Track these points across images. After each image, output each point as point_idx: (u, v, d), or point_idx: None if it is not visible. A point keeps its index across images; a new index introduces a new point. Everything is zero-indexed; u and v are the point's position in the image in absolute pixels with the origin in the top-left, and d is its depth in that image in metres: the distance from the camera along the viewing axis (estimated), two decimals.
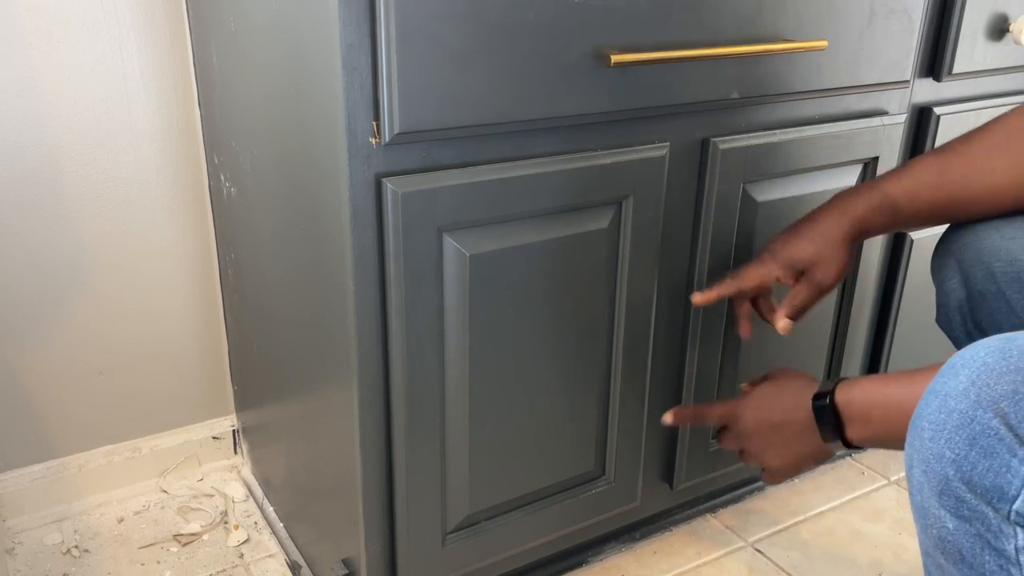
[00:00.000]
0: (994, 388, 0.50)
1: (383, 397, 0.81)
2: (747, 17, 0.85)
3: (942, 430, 0.52)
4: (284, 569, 1.08)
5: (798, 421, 0.80)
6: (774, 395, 0.85)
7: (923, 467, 0.53)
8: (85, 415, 1.18)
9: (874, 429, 0.73)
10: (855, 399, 0.74)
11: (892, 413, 0.71)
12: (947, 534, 0.53)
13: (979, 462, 0.50)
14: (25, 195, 1.06)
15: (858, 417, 0.74)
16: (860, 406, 0.74)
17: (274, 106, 0.84)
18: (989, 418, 0.50)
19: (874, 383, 0.74)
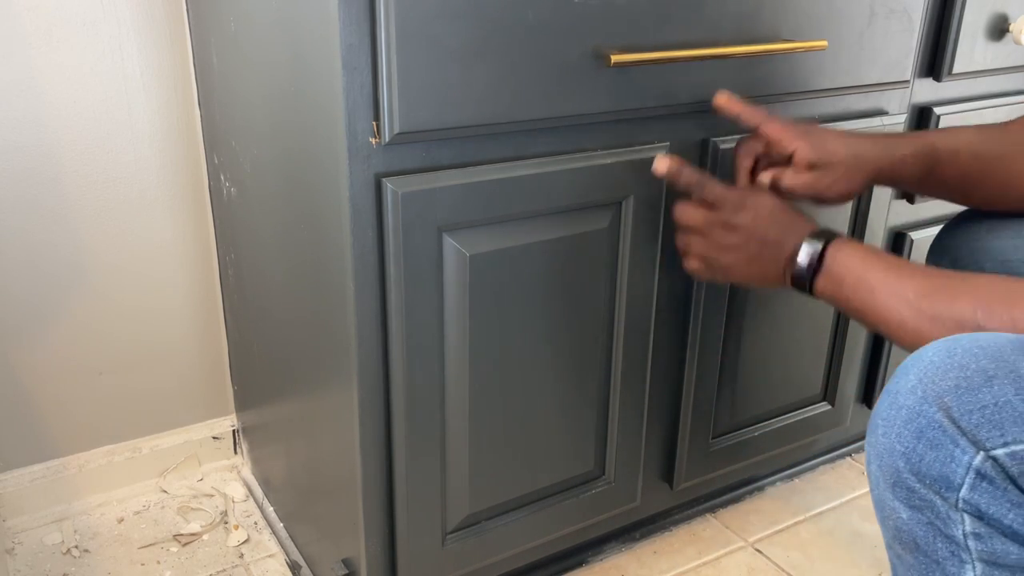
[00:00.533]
0: (938, 384, 0.53)
1: (383, 397, 0.81)
2: (747, 17, 0.85)
3: (892, 425, 0.55)
4: (284, 569, 1.08)
5: (784, 244, 0.78)
6: (779, 210, 0.80)
7: (878, 461, 0.56)
8: (85, 415, 1.18)
9: (842, 292, 0.74)
10: (840, 259, 0.74)
11: (862, 290, 0.71)
12: (902, 524, 0.56)
13: (926, 454, 0.53)
14: (25, 195, 1.06)
15: (834, 275, 0.74)
16: (842, 267, 0.74)
17: (274, 106, 0.84)
18: (934, 412, 0.52)
19: (865, 257, 0.73)
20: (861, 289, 0.72)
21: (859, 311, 0.72)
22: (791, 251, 0.78)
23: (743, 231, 0.80)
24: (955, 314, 0.64)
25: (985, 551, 0.53)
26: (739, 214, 0.80)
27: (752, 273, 0.81)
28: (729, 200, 0.80)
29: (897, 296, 0.68)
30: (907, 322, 0.67)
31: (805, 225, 0.79)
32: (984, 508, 0.52)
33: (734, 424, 1.08)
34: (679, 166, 0.82)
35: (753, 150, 0.85)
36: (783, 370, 1.09)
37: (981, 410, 0.51)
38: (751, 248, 0.80)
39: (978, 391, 0.51)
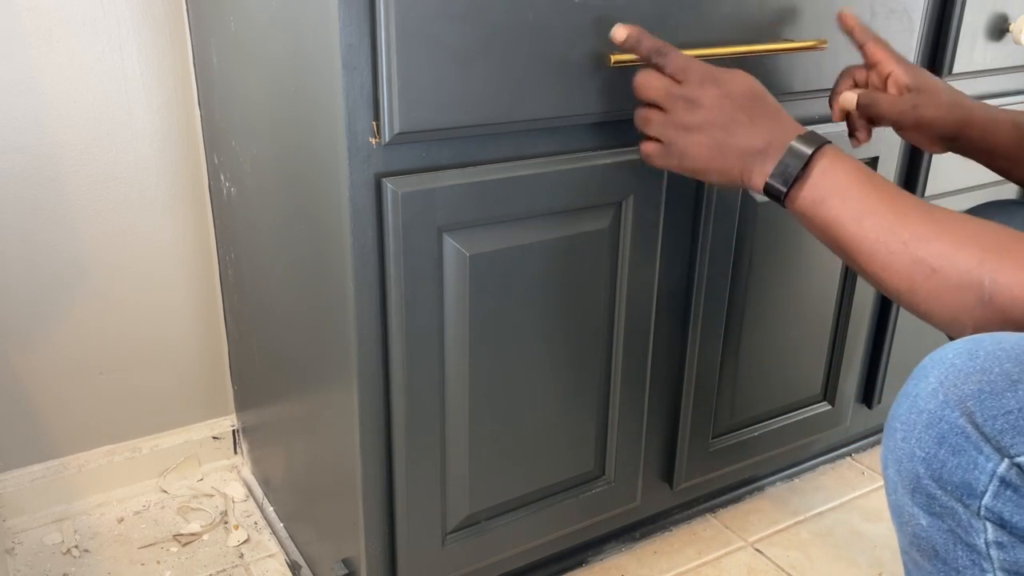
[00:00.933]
0: (961, 388, 0.51)
1: (383, 397, 0.81)
2: (747, 17, 0.85)
3: (912, 430, 0.53)
4: (284, 569, 1.08)
5: (755, 136, 0.69)
6: (757, 95, 0.71)
7: (896, 466, 0.55)
8: (85, 415, 1.18)
9: (822, 212, 0.66)
10: (831, 173, 0.66)
11: (848, 216, 0.65)
12: (921, 531, 0.55)
13: (948, 460, 0.51)
14: (25, 195, 1.06)
15: (820, 190, 0.66)
16: (831, 183, 0.66)
17: (274, 106, 0.84)
18: (956, 417, 0.51)
19: (859, 177, 0.66)
20: (847, 214, 0.65)
21: (837, 239, 0.66)
22: (762, 144, 0.69)
23: (708, 110, 0.70)
24: (957, 266, 0.59)
25: (1007, 560, 0.51)
26: (705, 88, 0.70)
27: (713, 164, 0.71)
28: (695, 71, 0.71)
29: (889, 233, 0.62)
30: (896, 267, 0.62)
31: (790, 123, 0.70)
32: (1007, 516, 0.50)
33: (734, 424, 1.09)
34: (638, 33, 0.73)
35: (852, 75, 0.85)
36: (783, 370, 1.09)
37: (1005, 416, 0.49)
38: (714, 133, 0.70)
39: (1002, 396, 0.50)
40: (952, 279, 0.59)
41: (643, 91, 0.73)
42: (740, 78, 0.71)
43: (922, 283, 0.61)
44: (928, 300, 0.62)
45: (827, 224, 0.67)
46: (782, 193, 0.69)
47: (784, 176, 0.68)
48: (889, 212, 0.63)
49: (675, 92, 0.71)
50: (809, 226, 0.69)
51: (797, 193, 0.68)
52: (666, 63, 0.72)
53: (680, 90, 0.71)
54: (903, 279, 0.62)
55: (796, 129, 0.70)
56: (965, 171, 1.12)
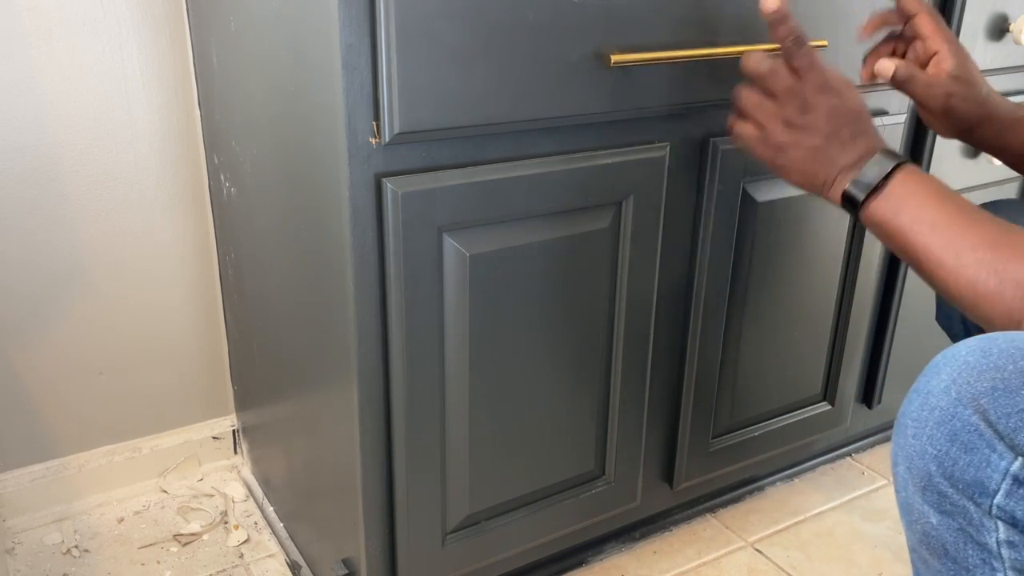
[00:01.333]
0: (974, 385, 0.50)
1: (383, 397, 0.81)
2: (747, 17, 0.85)
3: (924, 427, 0.52)
4: (284, 569, 1.08)
5: (849, 150, 0.71)
6: (863, 111, 0.73)
7: (907, 464, 0.54)
8: (85, 415, 1.18)
9: (897, 221, 0.68)
10: (909, 185, 0.68)
11: (921, 224, 0.66)
12: (931, 529, 0.54)
13: (960, 458, 0.51)
14: (25, 195, 1.06)
15: (896, 201, 0.68)
16: (908, 194, 0.68)
17: (274, 106, 0.84)
18: (969, 414, 0.50)
19: (936, 190, 0.67)
20: (920, 224, 0.66)
21: (909, 246, 0.67)
22: (854, 160, 0.71)
23: (818, 116, 0.72)
24: (1020, 275, 0.60)
25: (1019, 560, 0.51)
26: (823, 95, 0.72)
27: (806, 168, 0.73)
28: (817, 74, 0.72)
29: (960, 239, 0.63)
30: (964, 270, 0.63)
31: (878, 138, 0.72)
32: (1020, 516, 0.49)
33: (734, 424, 1.08)
34: (786, 10, 0.72)
35: (892, 42, 0.84)
36: (783, 370, 1.09)
37: (1019, 413, 0.49)
38: (817, 140, 0.72)
39: (1016, 393, 0.49)
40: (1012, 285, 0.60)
41: (768, 79, 0.73)
42: (853, 94, 0.72)
43: (985, 285, 0.61)
44: (991, 304, 0.62)
45: (899, 234, 0.68)
46: (859, 200, 0.70)
47: (863, 186, 0.70)
48: (962, 221, 0.64)
49: (795, 88, 0.72)
50: (883, 237, 0.70)
51: (873, 202, 0.69)
52: (797, 54, 0.71)
53: (800, 87, 0.72)
54: (968, 283, 0.63)
55: (882, 143, 0.72)
56: (966, 170, 1.12)
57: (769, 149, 0.74)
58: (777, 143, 0.73)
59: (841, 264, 1.08)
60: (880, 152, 0.70)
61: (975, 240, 0.63)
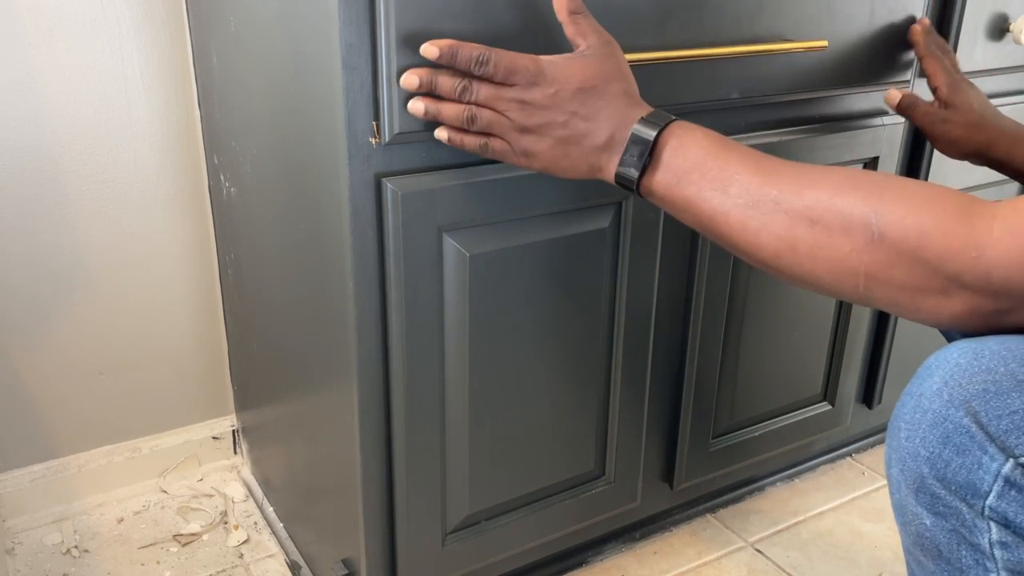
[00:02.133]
0: (966, 387, 0.51)
1: (383, 397, 0.81)
2: (747, 17, 0.85)
3: (917, 429, 0.53)
4: (284, 569, 1.08)
5: (597, 131, 0.66)
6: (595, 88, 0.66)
7: (900, 466, 0.55)
8: (85, 415, 1.18)
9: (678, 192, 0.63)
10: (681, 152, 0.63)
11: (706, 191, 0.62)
12: (924, 531, 0.55)
13: (952, 459, 0.51)
14: (25, 195, 1.06)
15: (673, 170, 0.63)
16: (684, 162, 0.63)
17: (274, 106, 0.84)
18: (961, 416, 0.51)
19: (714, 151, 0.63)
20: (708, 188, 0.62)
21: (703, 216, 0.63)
22: (605, 139, 0.65)
23: (543, 111, 0.66)
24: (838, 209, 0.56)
25: (1011, 560, 0.51)
26: (536, 89, 0.66)
27: (560, 164, 0.68)
28: (523, 71, 0.65)
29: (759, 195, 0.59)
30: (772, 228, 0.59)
31: (634, 107, 0.66)
32: (1012, 516, 0.50)
33: (734, 424, 1.08)
34: (451, 47, 0.66)
35: None
36: (783, 370, 1.09)
37: (1011, 415, 0.49)
38: (555, 132, 0.66)
39: (1007, 395, 0.50)
40: (835, 224, 0.56)
41: (472, 98, 0.67)
42: (571, 69, 0.66)
43: (803, 237, 0.58)
44: (813, 255, 0.58)
45: (688, 203, 0.63)
46: (634, 183, 0.65)
47: (633, 164, 0.65)
48: (754, 175, 0.60)
49: (505, 96, 0.66)
50: (672, 211, 0.65)
51: (651, 179, 0.65)
52: (491, 71, 0.66)
53: (511, 93, 0.66)
54: (782, 240, 0.59)
55: (640, 111, 0.66)
56: (966, 171, 1.12)
57: (520, 157, 0.69)
58: (522, 150, 0.68)
59: None
60: (640, 121, 0.65)
61: (775, 191, 0.59)
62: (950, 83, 0.92)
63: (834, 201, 0.57)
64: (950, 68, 0.94)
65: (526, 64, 0.66)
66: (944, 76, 0.92)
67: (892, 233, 0.55)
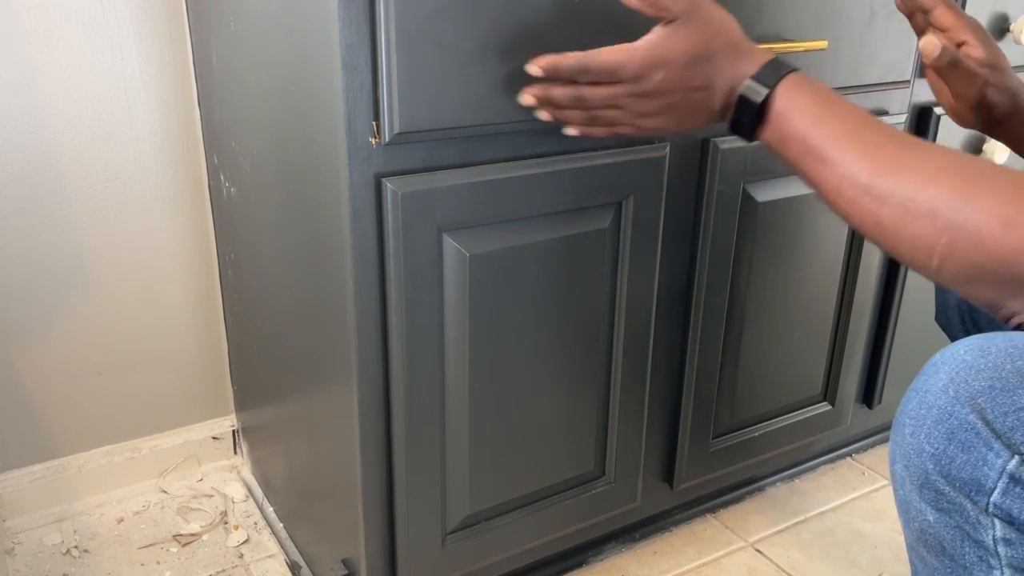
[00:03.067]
0: (971, 384, 0.51)
1: (383, 397, 0.81)
2: (747, 17, 0.85)
3: (922, 425, 0.53)
4: (284, 569, 1.08)
5: (714, 90, 0.67)
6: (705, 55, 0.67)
7: (904, 462, 0.55)
8: (85, 415, 1.18)
9: (788, 152, 0.64)
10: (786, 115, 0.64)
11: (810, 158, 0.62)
12: (928, 527, 0.55)
13: (957, 456, 0.51)
14: (25, 195, 1.06)
15: (779, 132, 0.64)
16: (787, 126, 0.64)
17: (274, 106, 0.84)
18: (966, 413, 0.50)
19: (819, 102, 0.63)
20: (811, 153, 0.62)
21: (805, 175, 0.64)
22: (724, 102, 0.67)
23: (660, 96, 0.68)
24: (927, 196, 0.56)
25: (1015, 557, 0.51)
26: (648, 77, 0.67)
27: (685, 126, 0.70)
28: (629, 66, 0.67)
29: (858, 163, 0.59)
30: (866, 199, 0.59)
31: (748, 61, 0.67)
32: (1016, 513, 0.50)
33: (734, 424, 1.08)
34: (552, 61, 0.68)
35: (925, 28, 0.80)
36: (783, 370, 1.09)
37: (1017, 412, 0.49)
38: (677, 108, 0.68)
39: (1013, 392, 0.49)
40: (921, 212, 0.56)
41: (588, 104, 0.70)
42: (671, 48, 0.66)
43: (888, 219, 0.58)
44: (896, 235, 0.58)
45: (792, 164, 0.65)
46: (747, 138, 0.67)
47: (745, 124, 0.66)
48: (850, 153, 0.60)
49: (619, 94, 0.68)
50: (783, 162, 0.66)
51: (761, 134, 0.66)
52: (596, 76, 0.68)
53: (622, 90, 0.68)
54: (868, 217, 0.59)
55: (750, 65, 0.66)
56: None
57: (648, 132, 0.71)
58: (649, 129, 0.70)
59: (841, 264, 1.08)
60: (749, 79, 0.66)
61: (875, 164, 0.59)
62: (982, 37, 0.77)
63: (925, 190, 0.56)
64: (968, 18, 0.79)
65: (622, 60, 0.67)
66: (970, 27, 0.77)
67: (975, 227, 0.54)
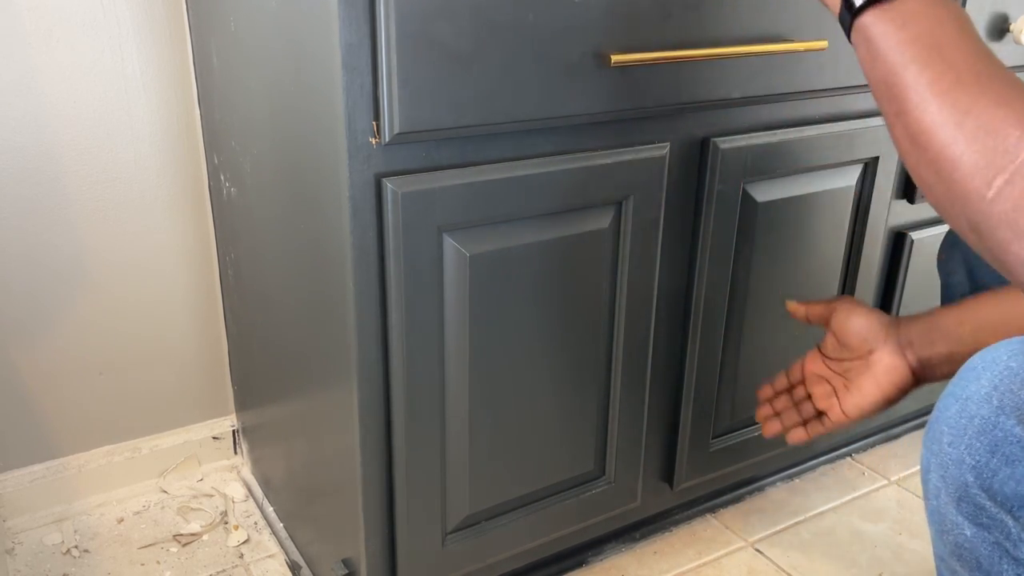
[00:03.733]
0: (1017, 394, 0.48)
1: (383, 397, 0.81)
2: (747, 17, 0.85)
3: (963, 435, 0.50)
4: (284, 569, 1.08)
5: None
6: None
7: (941, 472, 0.52)
8: (85, 415, 1.18)
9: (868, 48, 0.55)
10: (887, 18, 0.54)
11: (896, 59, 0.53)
12: (964, 541, 0.52)
13: (1000, 469, 0.49)
14: (25, 195, 1.06)
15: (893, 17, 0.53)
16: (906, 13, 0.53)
17: (274, 106, 0.84)
18: (1012, 425, 0.48)
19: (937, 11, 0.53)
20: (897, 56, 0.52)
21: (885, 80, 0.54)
22: None
23: None
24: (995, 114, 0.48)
25: None
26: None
27: None
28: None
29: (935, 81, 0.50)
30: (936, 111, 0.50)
31: None
32: None
33: (734, 424, 1.08)
34: None
35: None
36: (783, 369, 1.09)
37: None
38: None
39: None
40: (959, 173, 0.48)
41: None
42: None
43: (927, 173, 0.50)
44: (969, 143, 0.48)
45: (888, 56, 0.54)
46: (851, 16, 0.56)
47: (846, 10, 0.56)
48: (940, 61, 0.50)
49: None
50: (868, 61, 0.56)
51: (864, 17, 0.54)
52: None
53: None
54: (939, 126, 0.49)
55: None
56: None
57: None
58: None
59: (841, 264, 1.08)
60: None
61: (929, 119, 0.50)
62: None
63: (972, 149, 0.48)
64: None
65: None
66: None
67: None
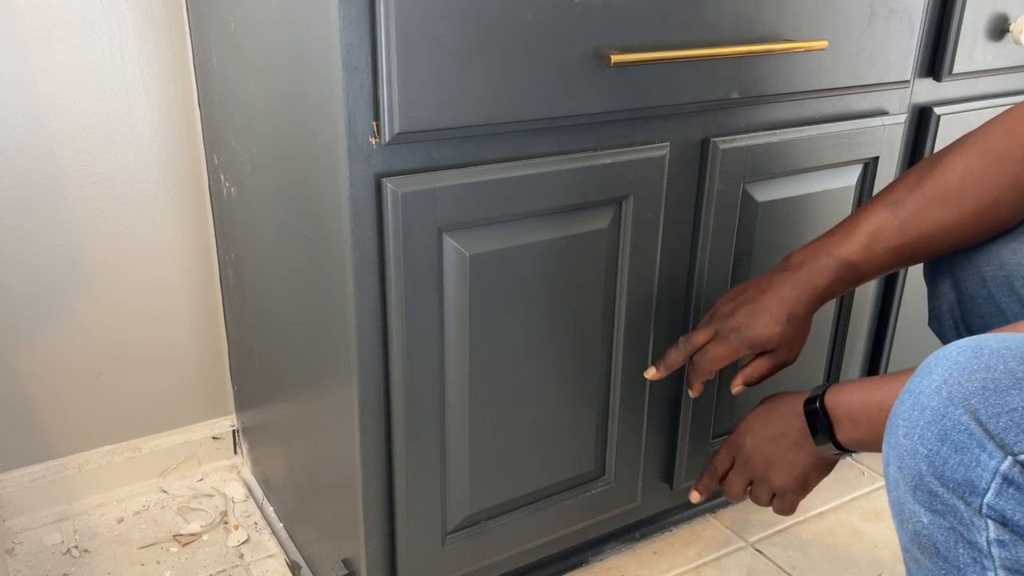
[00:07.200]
0: (965, 385, 0.51)
1: (383, 397, 0.81)
2: (747, 17, 0.85)
3: (915, 427, 0.53)
4: (284, 569, 1.08)
5: (794, 429, 0.81)
6: (767, 412, 0.85)
7: (898, 463, 0.55)
8: (85, 415, 1.18)
9: (861, 431, 0.74)
10: (842, 401, 0.75)
11: (875, 413, 0.71)
12: (922, 528, 0.55)
13: (950, 457, 0.51)
14: (25, 195, 1.06)
15: (845, 418, 0.75)
16: (847, 408, 0.74)
17: (274, 106, 0.84)
18: (960, 414, 0.51)
19: (860, 386, 0.74)
20: (873, 410, 0.72)
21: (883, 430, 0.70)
22: (801, 429, 0.79)
23: (757, 453, 0.84)
24: None
25: (1009, 559, 0.51)
26: (742, 450, 0.85)
27: (801, 465, 0.82)
28: (729, 450, 0.87)
29: None
30: None
31: (793, 401, 0.81)
32: (1009, 514, 0.50)
33: (735, 424, 1.08)
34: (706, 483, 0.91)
35: None
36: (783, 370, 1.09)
37: (1010, 413, 0.49)
38: (774, 455, 0.83)
39: (1006, 393, 0.49)
40: None
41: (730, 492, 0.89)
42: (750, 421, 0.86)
43: None
44: None
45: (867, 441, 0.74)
46: (832, 446, 0.77)
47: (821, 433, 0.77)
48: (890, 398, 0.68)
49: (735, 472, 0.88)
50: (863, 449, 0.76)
51: (837, 438, 0.76)
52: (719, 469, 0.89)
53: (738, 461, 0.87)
54: None
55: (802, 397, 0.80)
56: None
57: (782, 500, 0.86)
58: (776, 487, 0.85)
59: None
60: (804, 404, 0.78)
61: None
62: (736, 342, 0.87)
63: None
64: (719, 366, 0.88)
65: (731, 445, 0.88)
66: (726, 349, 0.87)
67: None
